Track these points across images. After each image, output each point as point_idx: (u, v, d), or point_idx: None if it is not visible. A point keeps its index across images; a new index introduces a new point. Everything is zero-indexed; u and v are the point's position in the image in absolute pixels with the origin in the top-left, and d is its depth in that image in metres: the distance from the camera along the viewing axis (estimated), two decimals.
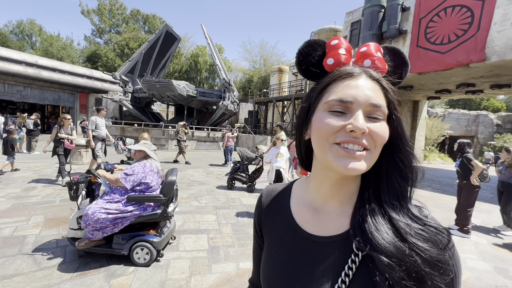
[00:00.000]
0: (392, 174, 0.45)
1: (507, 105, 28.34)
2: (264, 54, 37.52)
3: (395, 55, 0.51)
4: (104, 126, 6.33)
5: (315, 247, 0.48)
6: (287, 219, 0.54)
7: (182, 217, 3.88)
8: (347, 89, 0.43)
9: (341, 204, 0.49)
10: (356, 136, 0.41)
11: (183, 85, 17.75)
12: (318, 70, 0.50)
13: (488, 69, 8.86)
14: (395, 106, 0.45)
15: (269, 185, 0.66)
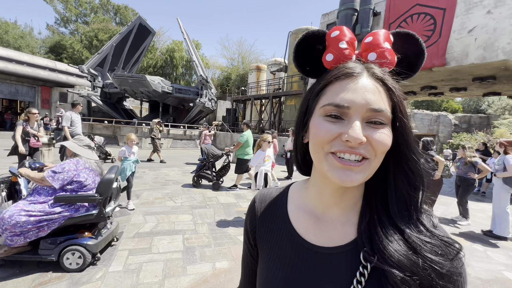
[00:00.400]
0: (401, 182, 0.41)
1: (464, 107, 31.19)
2: (242, 52, 37.41)
3: (408, 41, 0.44)
4: (80, 123, 5.84)
5: (319, 259, 0.43)
6: (285, 228, 0.49)
7: (156, 218, 3.73)
8: (344, 93, 0.38)
9: (345, 211, 0.45)
10: (352, 146, 0.37)
11: (158, 80, 17.08)
12: (317, 67, 0.45)
13: (448, 73, 9.66)
14: (401, 108, 0.40)
15: (262, 189, 0.61)
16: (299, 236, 0.47)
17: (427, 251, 0.37)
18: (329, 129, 0.39)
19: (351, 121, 0.38)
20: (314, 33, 0.46)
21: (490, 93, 11.99)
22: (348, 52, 0.42)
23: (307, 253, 0.45)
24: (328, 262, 0.43)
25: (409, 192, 0.41)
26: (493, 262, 3.06)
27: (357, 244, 0.42)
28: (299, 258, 0.45)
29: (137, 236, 3.11)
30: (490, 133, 17.28)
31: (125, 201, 4.10)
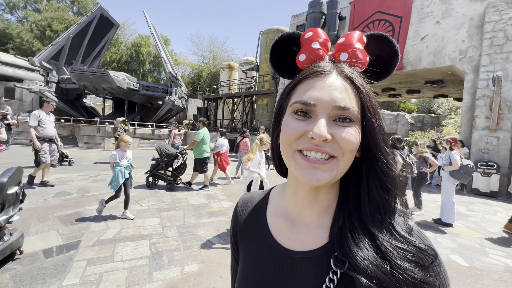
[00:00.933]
0: (373, 184, 0.40)
1: (418, 108, 34.37)
2: (214, 50, 36.77)
3: (382, 43, 0.44)
4: (52, 123, 5.13)
5: (291, 264, 0.43)
6: (262, 232, 0.49)
7: (119, 224, 3.49)
8: (311, 90, 0.39)
9: (319, 214, 0.45)
10: (317, 144, 0.37)
11: (123, 77, 16.02)
12: (292, 68, 0.45)
13: (404, 76, 10.54)
14: (369, 107, 0.40)
15: (245, 193, 0.61)
16: (274, 240, 0.47)
17: (397, 258, 0.36)
18: (296, 127, 0.39)
19: (317, 119, 0.38)
20: (289, 35, 0.46)
21: (439, 95, 13.37)
22: (321, 53, 0.43)
23: (280, 258, 0.44)
24: (299, 267, 0.42)
25: (381, 195, 0.40)
26: (442, 247, 3.41)
27: (328, 249, 0.41)
28: (272, 262, 0.45)
29: (97, 244, 2.88)
30: (440, 131, 19.28)
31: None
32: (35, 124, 4.80)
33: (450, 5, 8.73)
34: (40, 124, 4.88)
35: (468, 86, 8.29)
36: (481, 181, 7.22)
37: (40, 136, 4.84)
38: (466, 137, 8.25)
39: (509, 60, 7.44)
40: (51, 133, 5.07)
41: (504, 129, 7.36)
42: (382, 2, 10.06)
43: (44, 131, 4.91)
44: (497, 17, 7.71)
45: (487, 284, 2.54)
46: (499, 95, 7.20)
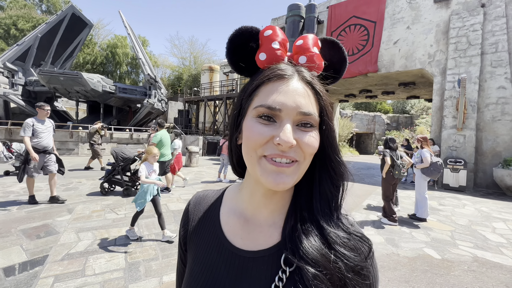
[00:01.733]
0: (325, 181, 0.43)
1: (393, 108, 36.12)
2: (194, 52, 36.30)
3: (333, 49, 0.47)
4: (50, 132, 4.51)
5: (242, 264, 0.43)
6: (214, 231, 0.48)
7: (92, 234, 3.28)
8: (276, 95, 0.39)
9: (273, 213, 0.45)
10: (283, 150, 0.38)
11: (98, 79, 15.32)
12: (251, 65, 0.45)
13: (379, 78, 11.01)
14: (327, 112, 0.42)
15: (199, 191, 0.59)
16: (226, 240, 0.46)
17: (340, 245, 0.40)
18: (262, 132, 0.39)
19: (282, 124, 0.38)
20: (247, 30, 0.45)
21: (412, 96, 14.11)
22: (280, 53, 0.43)
23: (231, 257, 0.44)
24: (250, 267, 0.42)
25: (331, 191, 0.43)
26: (417, 241, 3.57)
27: (280, 247, 0.42)
28: (223, 262, 0.44)
29: (66, 258, 2.68)
30: (413, 131, 20.35)
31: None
32: (29, 134, 4.17)
33: (419, 12, 9.27)
34: (34, 134, 4.24)
35: (437, 88, 8.83)
36: (451, 177, 7.69)
37: (33, 147, 4.22)
38: (437, 136, 8.77)
39: (471, 64, 8.02)
40: (48, 144, 4.42)
41: (469, 127, 7.92)
42: (357, 7, 10.46)
43: (40, 143, 4.29)
44: (460, 24, 8.31)
45: (457, 275, 2.68)
46: (464, 96, 7.74)
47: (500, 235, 3.90)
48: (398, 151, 4.52)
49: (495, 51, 7.80)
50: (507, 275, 2.69)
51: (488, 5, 8.03)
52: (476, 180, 7.93)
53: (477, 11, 8.08)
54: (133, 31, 19.15)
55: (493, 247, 3.43)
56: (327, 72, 0.46)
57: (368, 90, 13.35)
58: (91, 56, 29.06)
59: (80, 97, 16.54)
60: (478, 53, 7.95)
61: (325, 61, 0.45)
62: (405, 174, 4.40)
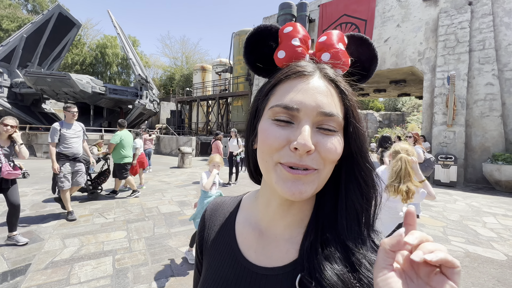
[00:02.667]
0: (353, 193, 0.38)
1: (385, 106, 36.58)
2: (186, 51, 35.97)
3: (362, 46, 0.42)
4: (80, 137, 4.00)
5: (254, 280, 0.39)
6: (229, 242, 0.45)
7: (79, 241, 3.16)
8: (294, 93, 0.35)
9: (290, 227, 0.41)
10: (301, 155, 0.34)
11: (87, 80, 14.99)
12: (269, 65, 0.42)
13: None
14: (354, 114, 0.37)
15: (217, 197, 0.57)
16: (239, 252, 0.43)
17: (368, 269, 0.33)
18: (278, 136, 0.35)
19: (300, 125, 0.35)
20: (266, 28, 0.42)
21: (403, 94, 14.29)
22: (301, 50, 0.39)
23: (243, 272, 0.41)
24: (262, 284, 0.39)
25: (361, 204, 0.37)
26: None
27: (296, 266, 0.38)
28: (235, 276, 0.41)
29: (50, 266, 2.56)
30: (405, 128, 20.64)
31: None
32: (55, 140, 3.68)
33: (408, 10, 9.37)
34: (62, 140, 3.75)
35: (427, 85, 8.94)
36: (442, 173, 7.80)
37: (61, 154, 3.76)
38: (428, 132, 8.88)
39: (460, 61, 8.15)
40: (78, 151, 3.94)
41: (459, 124, 8.04)
42: (348, 5, 10.51)
43: (69, 150, 3.82)
44: (448, 22, 8.42)
45: None
46: (454, 93, 7.85)
47: (490, 229, 3.94)
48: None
49: (483, 48, 7.94)
50: (498, 270, 2.71)
51: (475, 3, 8.16)
52: (466, 175, 8.07)
53: (465, 9, 8.20)
54: (123, 31, 18.82)
55: (484, 241, 3.46)
56: (354, 69, 0.41)
57: (360, 88, 13.40)
58: (80, 56, 28.44)
59: (69, 98, 16.15)
60: (466, 51, 8.07)
61: (352, 58, 0.41)
62: None
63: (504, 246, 3.31)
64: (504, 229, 3.97)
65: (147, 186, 6.40)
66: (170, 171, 9.08)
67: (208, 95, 18.23)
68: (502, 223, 4.24)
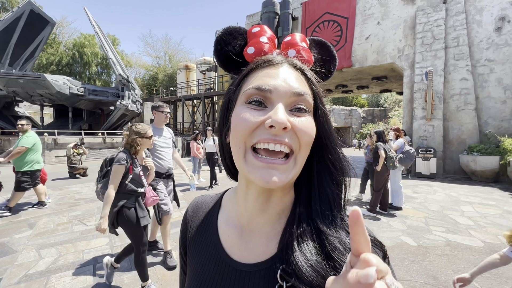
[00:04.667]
0: (324, 179, 0.39)
1: (368, 102, 37.59)
2: (169, 50, 35.21)
3: (322, 48, 0.46)
4: (170, 147, 2.98)
5: (238, 278, 0.39)
6: (212, 241, 0.45)
7: (56, 251, 2.99)
8: (266, 78, 0.37)
9: (272, 219, 0.41)
10: (276, 133, 0.34)
11: (64, 81, 14.30)
12: (239, 61, 0.44)
13: (353, 73, 11.32)
14: (321, 99, 0.40)
15: (197, 197, 0.56)
16: (223, 251, 0.43)
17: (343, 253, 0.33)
18: (252, 117, 0.35)
19: (274, 106, 0.35)
20: (235, 29, 0.45)
21: (384, 90, 14.71)
22: (269, 47, 0.42)
23: (228, 270, 0.41)
24: (246, 281, 0.39)
25: (332, 190, 0.38)
26: (394, 230, 3.67)
27: (277, 260, 0.37)
28: (219, 275, 0.41)
29: (24, 280, 2.40)
30: (387, 123, 21.30)
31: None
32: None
33: (387, 8, 9.62)
34: (153, 150, 2.72)
35: (406, 81, 9.24)
36: (422, 165, 8.10)
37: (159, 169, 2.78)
38: (408, 127, 9.20)
39: (437, 57, 8.48)
40: (171, 164, 2.92)
41: (437, 118, 8.38)
42: (330, 3, 10.64)
43: (162, 165, 2.79)
44: (425, 19, 8.73)
45: (432, 260, 2.77)
46: (432, 88, 8.17)
47: (468, 217, 4.13)
48: (387, 144, 4.50)
49: (457, 45, 8.30)
50: (476, 256, 2.83)
51: (449, 1, 8.51)
52: (445, 167, 8.44)
53: (440, 7, 8.53)
54: (101, 29, 18.08)
55: (462, 230, 3.61)
56: (318, 68, 0.45)
57: (344, 85, 13.71)
58: (56, 56, 27.08)
59: (45, 101, 15.36)
60: (442, 47, 8.41)
61: (316, 56, 0.45)
62: (398, 166, 4.35)
63: (481, 233, 3.47)
64: (480, 216, 4.17)
65: None
66: None
67: (193, 95, 17.92)
68: (478, 211, 4.46)
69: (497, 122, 7.84)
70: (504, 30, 7.79)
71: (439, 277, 2.43)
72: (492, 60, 7.92)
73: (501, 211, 4.49)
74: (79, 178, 7.86)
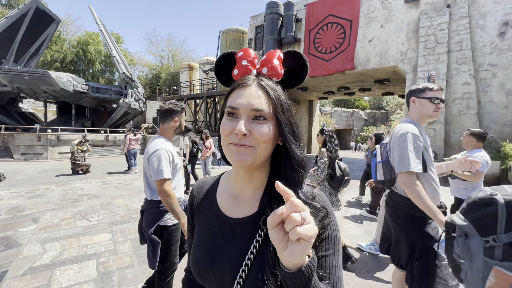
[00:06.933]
0: (287, 166, 0.54)
1: (370, 105, 37.52)
2: (173, 49, 35.32)
3: (295, 58, 0.57)
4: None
5: (232, 228, 0.57)
6: (213, 207, 0.62)
7: (60, 245, 3.04)
8: (236, 98, 0.51)
9: (254, 190, 0.58)
10: (240, 138, 0.49)
11: (68, 78, 14.40)
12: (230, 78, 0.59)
13: (356, 76, 11.34)
14: (278, 109, 0.51)
15: (200, 178, 0.76)
16: (221, 212, 0.60)
17: None
18: (228, 126, 0.51)
19: (240, 119, 0.50)
20: (228, 53, 0.60)
21: (387, 92, 14.70)
22: (248, 68, 0.55)
23: (225, 224, 0.58)
24: (238, 229, 0.56)
25: (291, 173, 0.54)
26: None
27: (259, 213, 0.54)
28: (219, 228, 0.59)
29: (29, 272, 2.45)
30: (389, 126, 21.27)
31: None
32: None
33: (391, 11, 9.64)
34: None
35: (409, 84, 9.25)
36: None
37: None
38: None
39: (439, 61, 8.49)
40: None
41: (439, 121, 8.38)
42: (333, 6, 10.67)
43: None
44: (428, 23, 8.74)
45: None
46: None
47: None
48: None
49: (460, 49, 8.31)
50: None
51: (453, 5, 8.52)
52: None
53: (444, 11, 8.54)
54: (106, 27, 18.19)
55: None
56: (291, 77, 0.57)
57: (346, 87, 13.72)
58: (60, 53, 27.25)
59: (49, 97, 15.46)
60: (445, 51, 8.42)
61: (288, 70, 0.56)
62: None
63: None
64: None
65: (133, 186, 6.25)
66: None
67: (196, 94, 17.99)
68: None
69: (499, 127, 7.84)
70: (508, 35, 7.80)
71: None
72: (495, 65, 7.93)
73: None
74: (81, 174, 7.93)
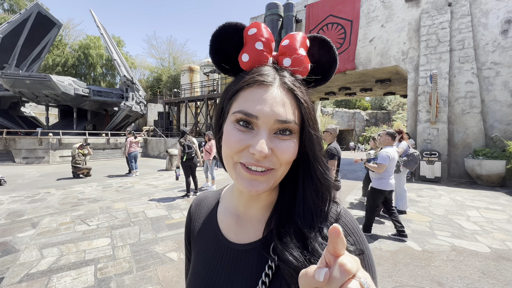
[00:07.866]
0: (307, 187, 0.42)
1: (371, 105, 37.39)
2: (173, 52, 35.46)
3: (323, 48, 0.44)
4: None
5: (236, 256, 0.46)
6: (213, 229, 0.51)
7: (58, 250, 2.99)
8: (254, 102, 0.38)
9: (262, 210, 0.47)
10: (258, 159, 0.37)
11: (69, 81, 14.45)
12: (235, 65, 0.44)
13: (357, 76, 11.27)
14: (309, 121, 0.40)
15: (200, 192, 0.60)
16: (222, 236, 0.49)
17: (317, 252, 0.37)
18: (238, 139, 0.38)
19: (259, 132, 0.38)
20: (231, 26, 0.43)
21: (388, 92, 14.62)
22: (264, 55, 0.41)
23: (226, 251, 0.47)
24: (242, 258, 0.45)
25: (314, 200, 0.42)
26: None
27: (268, 239, 0.43)
28: (220, 256, 0.47)
29: (25, 279, 2.40)
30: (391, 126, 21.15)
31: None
32: None
33: (392, 10, 9.58)
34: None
35: (411, 84, 9.17)
36: (427, 169, 8.01)
37: None
38: (412, 130, 9.11)
39: (441, 60, 8.41)
40: None
41: (442, 121, 8.29)
42: (334, 6, 10.64)
43: None
44: (430, 22, 8.67)
45: (437, 265, 2.71)
46: (436, 91, 8.09)
47: (474, 222, 4.06)
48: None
49: (462, 48, 8.22)
50: (483, 262, 2.77)
51: (455, 4, 8.45)
52: (450, 170, 8.32)
53: (445, 9, 8.47)
54: (107, 31, 18.28)
55: (468, 235, 3.55)
56: (314, 75, 0.44)
57: (347, 88, 13.65)
58: (62, 57, 27.43)
59: (50, 101, 15.52)
60: (447, 50, 8.34)
61: (313, 63, 0.43)
62: (402, 170, 4.39)
63: (487, 239, 3.40)
64: (486, 222, 4.10)
65: (133, 189, 6.20)
66: (158, 174, 8.86)
67: (196, 96, 17.99)
68: (484, 216, 4.38)
69: (503, 126, 7.73)
70: (510, 33, 7.71)
71: (444, 283, 2.38)
72: (498, 63, 7.83)
73: (507, 216, 4.41)
74: (82, 178, 7.91)
